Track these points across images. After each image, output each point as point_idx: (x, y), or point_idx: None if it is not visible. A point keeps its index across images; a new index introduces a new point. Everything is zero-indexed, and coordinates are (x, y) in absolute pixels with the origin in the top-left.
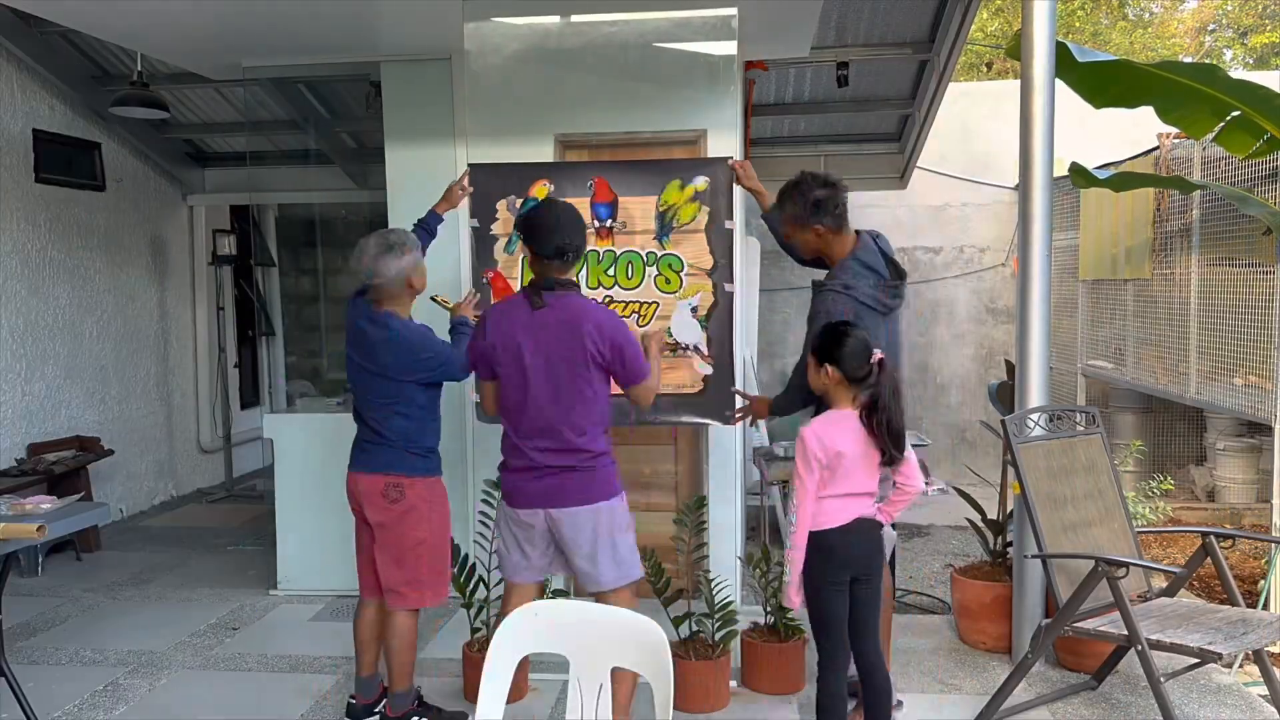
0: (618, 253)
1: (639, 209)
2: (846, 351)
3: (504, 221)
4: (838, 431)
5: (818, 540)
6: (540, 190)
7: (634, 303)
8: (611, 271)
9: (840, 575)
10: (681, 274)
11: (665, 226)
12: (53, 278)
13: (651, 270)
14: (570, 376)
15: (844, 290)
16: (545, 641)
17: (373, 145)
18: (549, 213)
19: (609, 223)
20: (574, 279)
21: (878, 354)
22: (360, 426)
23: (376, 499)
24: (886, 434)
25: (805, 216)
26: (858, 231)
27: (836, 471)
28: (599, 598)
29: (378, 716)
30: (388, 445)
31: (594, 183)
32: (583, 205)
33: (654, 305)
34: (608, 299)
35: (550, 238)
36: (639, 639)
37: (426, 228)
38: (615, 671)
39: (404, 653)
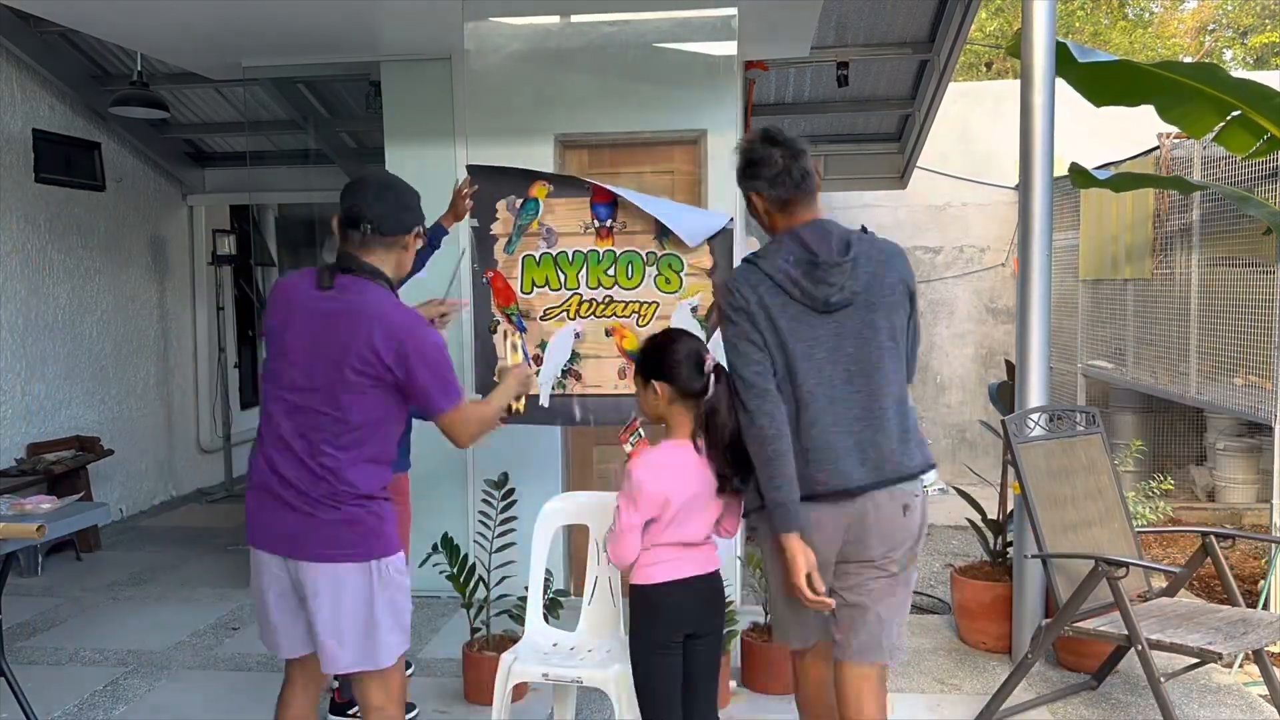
0: (618, 253)
1: (639, 209)
2: (673, 360)
3: (504, 222)
4: (667, 473)
5: (644, 595)
6: (540, 190)
7: (634, 303)
8: (611, 271)
9: (671, 636)
10: (681, 274)
11: (665, 226)
12: (53, 278)
13: (651, 270)
14: (330, 382)
15: (748, 260)
16: (573, 516)
17: (373, 145)
18: (366, 178)
19: (609, 222)
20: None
21: (711, 360)
22: None
23: None
24: (725, 454)
25: (741, 179)
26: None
27: (664, 520)
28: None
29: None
30: None
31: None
32: (583, 205)
33: (654, 305)
34: (608, 299)
35: (346, 197)
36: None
37: (430, 240)
38: None
39: None
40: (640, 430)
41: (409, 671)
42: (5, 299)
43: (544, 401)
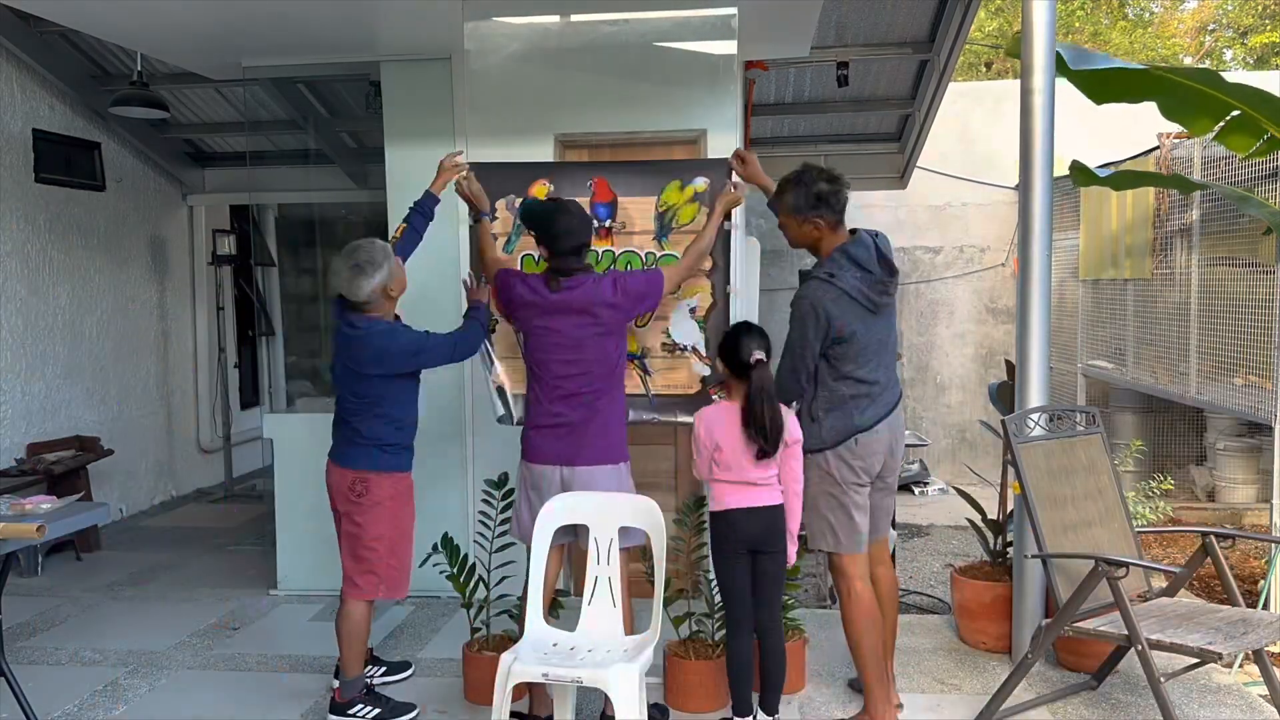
0: (617, 253)
1: (638, 209)
2: (728, 348)
3: (503, 221)
4: (718, 424)
5: (717, 517)
6: (540, 190)
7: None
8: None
9: (738, 548)
10: None
11: (665, 227)
12: (53, 278)
13: None
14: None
15: (828, 279)
16: (571, 516)
17: (373, 145)
18: (565, 217)
19: (608, 223)
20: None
21: (757, 355)
22: (338, 421)
23: (344, 491)
24: (755, 429)
25: (805, 209)
26: (854, 230)
27: (719, 460)
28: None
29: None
30: (360, 443)
31: (593, 183)
32: (582, 205)
33: None
34: None
35: (566, 240)
36: (635, 505)
37: (422, 210)
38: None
39: (355, 641)
40: (719, 393)
41: (409, 672)
42: (5, 299)
43: None
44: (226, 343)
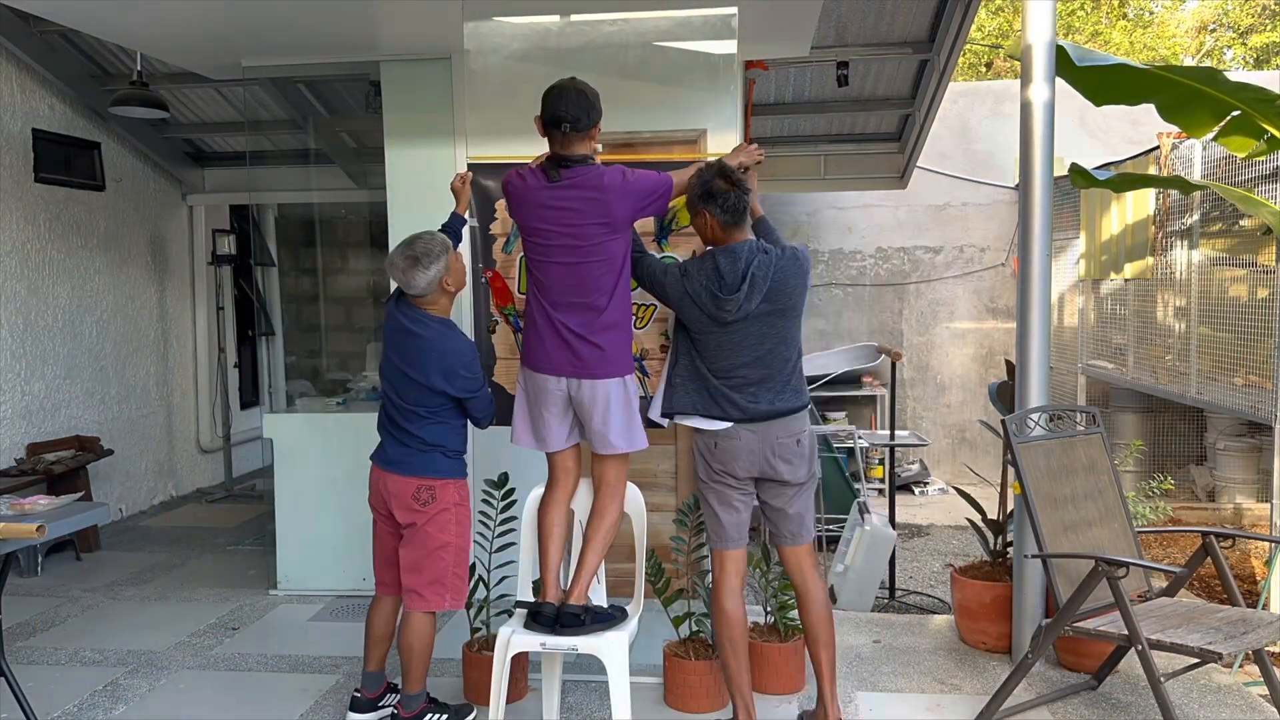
0: None
1: None
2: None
3: (503, 221)
4: None
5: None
6: None
7: (633, 305)
8: None
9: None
10: None
11: (664, 229)
12: (53, 278)
13: None
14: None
15: (681, 272)
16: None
17: (373, 145)
18: (564, 87)
19: None
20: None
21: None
22: (390, 425)
23: (407, 501)
24: None
25: (696, 199)
26: (758, 245)
27: None
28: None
29: (388, 712)
30: (420, 449)
31: None
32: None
33: (651, 308)
34: None
35: (549, 104)
36: None
37: (453, 231)
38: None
39: (422, 654)
40: None
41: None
42: (5, 299)
43: None
44: (226, 343)
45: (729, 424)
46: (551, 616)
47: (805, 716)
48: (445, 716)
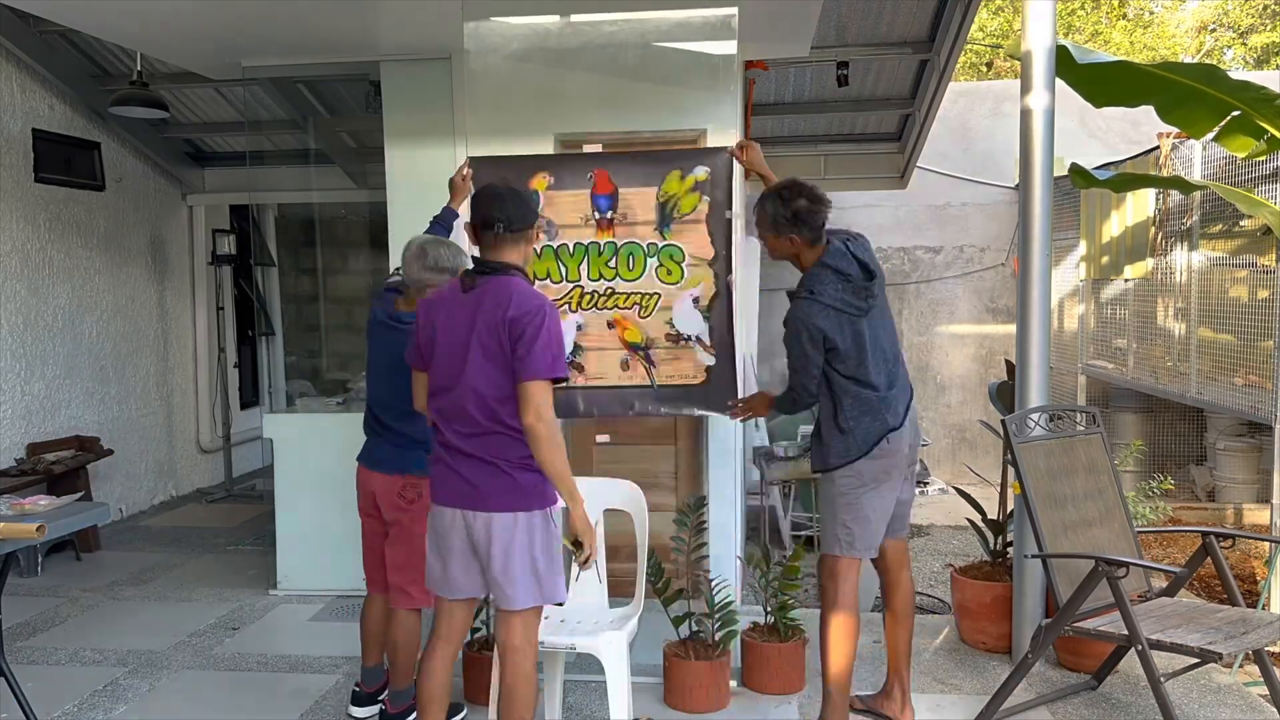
0: (619, 244)
1: (639, 200)
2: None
3: None
4: None
5: None
6: (540, 183)
7: (636, 294)
8: (613, 263)
9: None
10: (683, 265)
11: (666, 217)
12: (53, 278)
13: (653, 261)
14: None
15: (810, 296)
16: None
17: (373, 145)
18: (490, 189)
19: (609, 214)
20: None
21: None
22: (375, 424)
23: (392, 498)
24: None
25: (783, 225)
26: (828, 239)
27: None
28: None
29: (380, 706)
30: (405, 446)
31: (594, 175)
32: (583, 197)
33: (655, 296)
34: (609, 290)
35: (480, 206)
36: (619, 488)
37: (443, 224)
38: None
39: (407, 651)
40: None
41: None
42: (5, 299)
43: None
44: (226, 343)
45: (901, 426)
46: None
47: (866, 700)
48: None
